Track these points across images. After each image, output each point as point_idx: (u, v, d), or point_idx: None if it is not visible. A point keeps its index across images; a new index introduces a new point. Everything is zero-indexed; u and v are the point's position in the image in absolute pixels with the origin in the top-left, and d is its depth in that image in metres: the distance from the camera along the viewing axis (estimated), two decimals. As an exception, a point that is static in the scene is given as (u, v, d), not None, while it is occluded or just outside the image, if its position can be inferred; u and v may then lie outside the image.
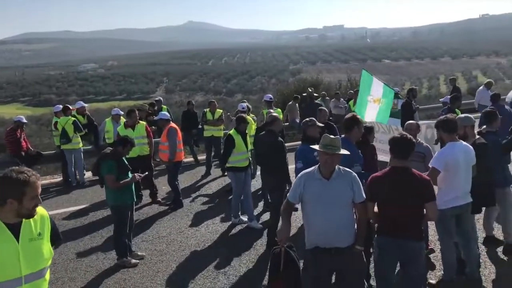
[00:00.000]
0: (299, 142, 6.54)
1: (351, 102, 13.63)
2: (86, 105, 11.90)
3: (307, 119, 6.02)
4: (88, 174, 10.74)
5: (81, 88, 72.82)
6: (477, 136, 5.39)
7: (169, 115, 9.26)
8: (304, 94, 13.78)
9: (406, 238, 3.84)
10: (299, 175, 3.98)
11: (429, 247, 5.77)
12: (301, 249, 4.10)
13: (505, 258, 5.60)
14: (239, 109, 10.22)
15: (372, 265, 4.45)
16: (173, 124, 8.88)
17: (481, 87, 13.40)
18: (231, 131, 7.54)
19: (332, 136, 3.82)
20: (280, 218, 4.09)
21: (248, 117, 8.75)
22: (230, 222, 7.51)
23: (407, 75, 78.58)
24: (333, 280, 4.07)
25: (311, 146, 4.18)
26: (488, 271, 5.29)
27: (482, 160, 4.92)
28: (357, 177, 3.86)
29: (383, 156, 6.65)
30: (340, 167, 3.86)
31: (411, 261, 3.91)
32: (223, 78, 79.57)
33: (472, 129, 5.35)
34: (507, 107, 9.70)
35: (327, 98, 15.41)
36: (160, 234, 7.20)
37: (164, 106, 13.08)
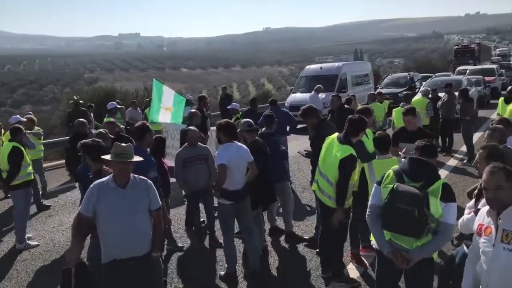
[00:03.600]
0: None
1: (147, 110, 13.59)
2: None
3: (98, 131, 5.80)
4: None
5: None
6: (257, 137, 5.93)
7: None
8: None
9: None
10: (91, 185, 3.78)
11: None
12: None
13: (287, 246, 6.27)
14: (11, 121, 9.05)
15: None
16: None
17: (312, 93, 15.00)
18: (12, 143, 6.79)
19: (123, 144, 3.74)
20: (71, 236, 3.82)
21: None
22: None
23: (204, 83, 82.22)
24: None
25: (102, 157, 3.98)
26: (273, 259, 5.85)
27: (258, 159, 5.43)
28: (153, 185, 3.86)
29: (171, 160, 6.76)
30: (135, 175, 3.80)
31: None
32: (7, 88, 71.14)
33: (247, 133, 5.81)
34: (284, 109, 11.01)
35: (123, 106, 15.04)
36: None
37: None
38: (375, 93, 12.82)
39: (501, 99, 10.21)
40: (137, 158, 3.77)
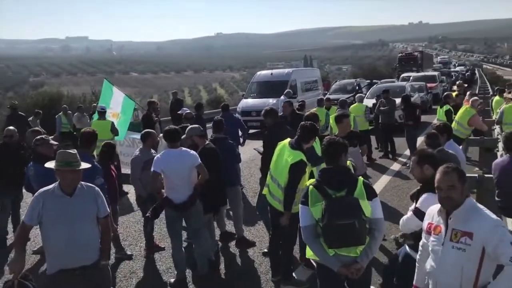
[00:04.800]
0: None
1: (95, 115, 13.28)
2: None
3: (38, 137, 5.62)
4: None
5: None
6: (207, 142, 5.96)
7: None
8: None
9: None
10: (36, 193, 3.66)
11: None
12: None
13: (238, 250, 6.30)
14: None
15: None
16: None
17: (282, 97, 15.24)
18: None
19: (70, 151, 3.64)
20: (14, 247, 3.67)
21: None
22: None
23: (154, 87, 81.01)
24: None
25: (45, 165, 3.85)
26: (223, 264, 5.86)
27: (211, 164, 5.46)
28: (100, 192, 3.79)
29: (127, 168, 6.72)
30: (82, 182, 3.72)
31: None
32: None
33: (199, 138, 5.85)
34: (237, 115, 11.12)
35: (69, 112, 14.61)
36: None
37: None
38: (324, 98, 13.18)
39: (439, 107, 10.82)
40: (84, 165, 3.70)
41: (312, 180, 3.51)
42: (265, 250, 5.97)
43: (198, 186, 5.24)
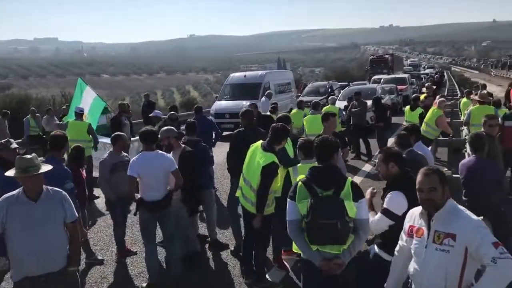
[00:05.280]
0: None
1: (65, 118, 13.01)
2: None
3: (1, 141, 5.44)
4: None
5: None
6: (183, 145, 5.92)
7: None
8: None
9: None
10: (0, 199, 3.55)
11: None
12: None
13: (211, 253, 6.26)
14: None
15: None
16: None
17: (263, 98, 15.37)
18: None
19: (27, 157, 3.55)
20: None
21: None
22: None
23: (126, 89, 79.89)
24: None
25: (6, 173, 3.70)
26: (196, 267, 5.80)
27: (188, 167, 5.42)
28: (68, 196, 3.71)
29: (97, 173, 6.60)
30: (48, 187, 3.63)
31: None
32: None
33: (175, 140, 5.82)
34: (210, 117, 11.08)
35: (38, 114, 14.24)
36: None
37: None
38: (300, 100, 13.27)
39: (407, 107, 11.02)
40: (45, 168, 3.60)
41: (302, 176, 3.53)
42: (232, 249, 6.06)
43: (173, 191, 5.20)
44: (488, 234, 2.69)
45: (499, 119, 7.68)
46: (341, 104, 15.19)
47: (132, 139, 10.13)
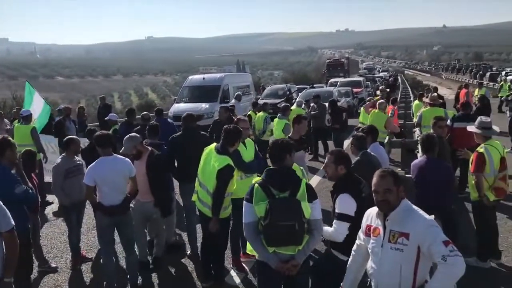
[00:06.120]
0: None
1: (15, 122, 12.52)
2: None
3: None
4: None
5: None
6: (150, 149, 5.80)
7: None
8: None
9: None
10: None
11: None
12: None
13: (169, 257, 6.10)
14: None
15: None
16: None
17: (233, 101, 15.41)
18: None
19: None
20: None
21: None
22: None
23: (82, 92, 77.87)
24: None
25: None
26: (154, 272, 5.72)
27: (157, 169, 5.36)
28: (3, 205, 3.47)
29: (50, 177, 6.42)
30: None
31: None
32: None
33: (141, 145, 5.65)
34: (170, 120, 10.95)
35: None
36: None
37: None
38: (263, 103, 13.31)
39: (362, 108, 11.30)
40: None
41: (258, 178, 3.54)
42: (189, 252, 6.04)
43: (130, 196, 5.10)
44: (439, 233, 2.79)
45: (448, 120, 8.01)
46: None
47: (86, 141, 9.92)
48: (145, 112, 9.16)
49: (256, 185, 3.43)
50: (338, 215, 3.70)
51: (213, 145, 5.00)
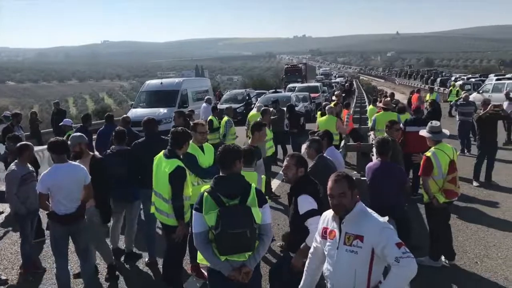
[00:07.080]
0: None
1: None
2: None
3: None
4: None
5: None
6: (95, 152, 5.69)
7: None
8: None
9: None
10: None
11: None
12: None
13: (128, 266, 6.06)
14: None
15: None
16: None
17: (204, 104, 15.50)
18: None
19: None
20: None
21: None
22: None
23: (35, 97, 75.25)
24: None
25: None
26: (115, 280, 5.59)
27: (100, 174, 5.22)
28: None
29: (2, 185, 6.19)
30: None
31: None
32: None
33: (86, 147, 5.54)
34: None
35: None
36: None
37: None
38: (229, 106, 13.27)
39: (318, 113, 11.51)
40: None
41: (206, 186, 3.46)
42: (147, 260, 5.94)
43: (84, 203, 4.97)
44: (392, 235, 2.87)
45: (401, 124, 8.27)
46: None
47: (40, 148, 9.63)
48: (125, 115, 8.97)
49: (205, 193, 3.35)
50: (306, 214, 3.72)
51: (162, 152, 4.94)
